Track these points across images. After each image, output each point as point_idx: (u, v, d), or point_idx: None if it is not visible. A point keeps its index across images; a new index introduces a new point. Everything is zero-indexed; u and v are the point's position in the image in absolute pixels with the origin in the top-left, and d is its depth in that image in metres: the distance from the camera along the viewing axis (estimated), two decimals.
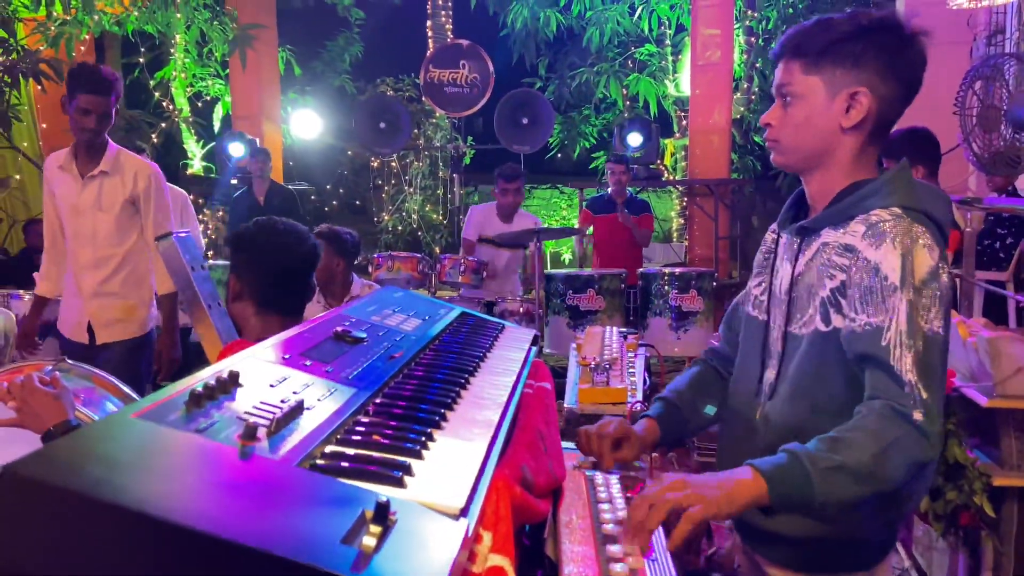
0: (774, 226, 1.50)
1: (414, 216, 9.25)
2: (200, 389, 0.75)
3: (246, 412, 0.75)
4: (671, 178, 8.07)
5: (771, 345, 1.39)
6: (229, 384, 0.80)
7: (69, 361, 2.18)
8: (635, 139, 6.89)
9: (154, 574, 0.55)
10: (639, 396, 1.91)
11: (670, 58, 8.17)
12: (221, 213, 7.55)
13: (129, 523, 0.54)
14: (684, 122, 7.89)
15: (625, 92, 8.41)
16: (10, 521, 0.55)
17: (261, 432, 0.71)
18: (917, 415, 1.13)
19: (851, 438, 1.13)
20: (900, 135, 3.11)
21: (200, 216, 6.78)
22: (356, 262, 3.52)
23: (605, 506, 1.07)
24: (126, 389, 2.31)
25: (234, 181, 6.85)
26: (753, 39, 7.87)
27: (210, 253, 7.19)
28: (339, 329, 1.11)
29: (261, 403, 0.78)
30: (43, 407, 1.53)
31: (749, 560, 1.44)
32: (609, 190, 5.69)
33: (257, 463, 0.67)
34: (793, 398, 1.30)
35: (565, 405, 1.87)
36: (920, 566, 2.53)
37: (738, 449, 1.37)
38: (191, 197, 6.05)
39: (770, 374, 1.38)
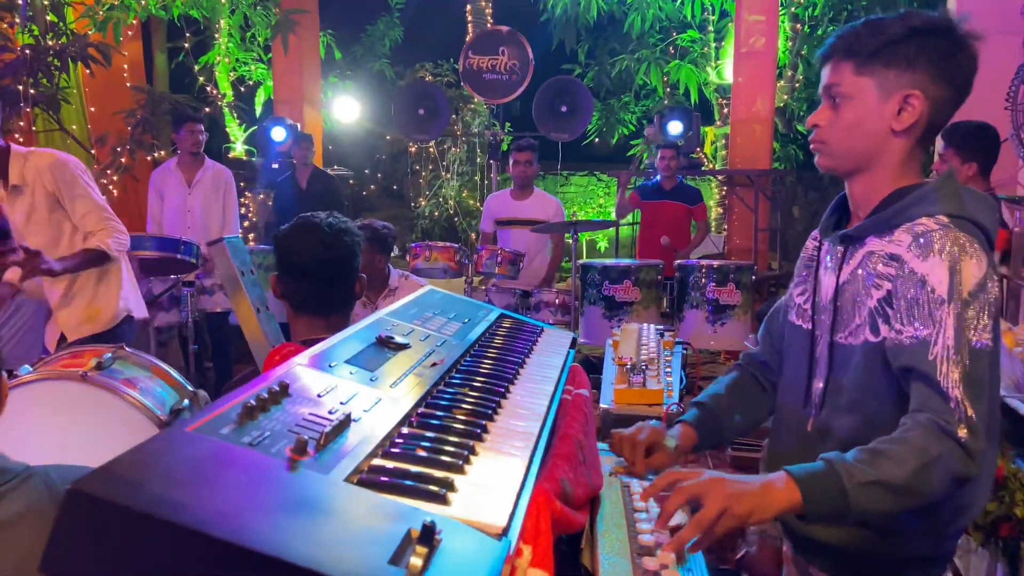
0: (816, 232, 1.48)
1: (451, 202, 9.28)
2: (252, 402, 0.78)
3: (297, 425, 0.77)
4: (711, 167, 7.97)
5: (818, 355, 1.38)
6: (279, 395, 0.82)
7: (127, 349, 2.25)
8: (675, 127, 6.82)
9: None
10: (675, 397, 1.90)
11: (713, 45, 8.04)
12: (262, 196, 7.66)
13: (186, 541, 0.57)
14: (725, 110, 7.77)
15: (666, 79, 8.31)
16: (77, 538, 0.58)
17: (311, 446, 0.73)
18: (962, 432, 1.12)
19: (892, 451, 1.12)
20: (968, 128, 3.05)
21: (241, 200, 6.89)
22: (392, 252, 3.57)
23: (641, 515, 1.08)
24: (178, 377, 2.38)
25: (275, 165, 6.95)
26: (799, 26, 7.70)
27: (251, 236, 7.31)
28: (382, 335, 1.13)
29: (310, 414, 0.81)
30: None
31: (800, 571, 1.43)
32: (658, 176, 5.67)
33: (307, 478, 0.69)
34: (849, 410, 1.29)
35: (601, 405, 1.88)
36: (958, 569, 2.50)
37: (791, 462, 1.37)
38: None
39: (818, 384, 1.37)
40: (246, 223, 7.28)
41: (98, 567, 0.58)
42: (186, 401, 2.30)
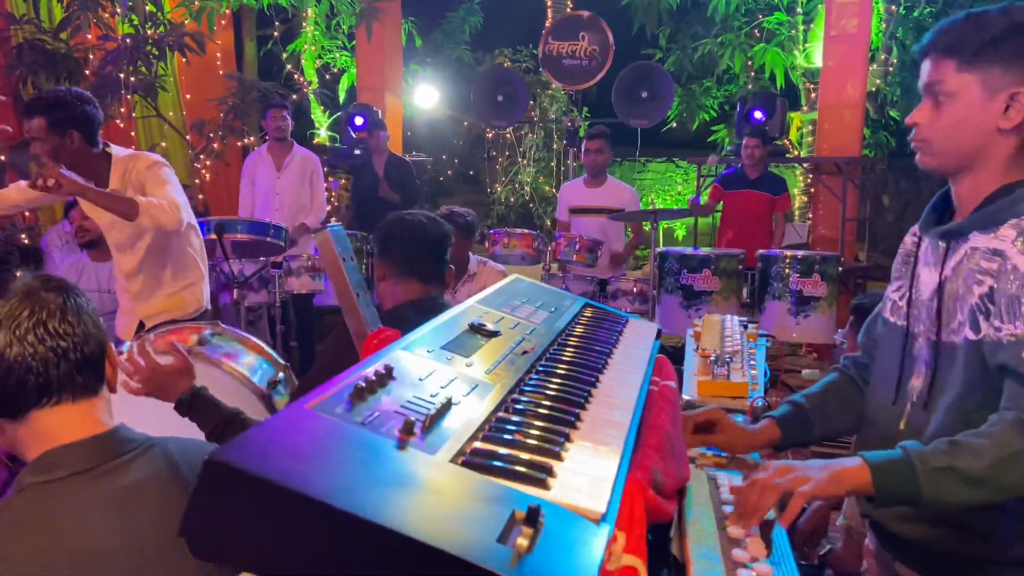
0: (915, 228, 1.44)
1: (527, 188, 9.31)
2: (362, 384, 0.82)
3: (402, 406, 0.81)
4: (796, 154, 7.74)
5: (915, 352, 1.36)
6: (385, 377, 0.87)
7: (222, 325, 2.38)
8: (759, 114, 6.65)
9: (329, 555, 0.62)
10: (760, 391, 1.88)
11: (801, 27, 7.77)
12: (343, 181, 7.87)
13: (311, 510, 0.61)
14: (813, 95, 7.52)
15: (750, 64, 8.09)
16: (213, 503, 0.63)
17: (417, 427, 0.77)
18: None
19: (972, 443, 1.12)
20: None
21: (325, 184, 7.10)
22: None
23: (728, 508, 1.09)
24: (271, 351, 2.50)
25: (357, 152, 7.12)
26: (894, 7, 7.37)
27: (333, 219, 7.52)
28: (474, 322, 1.16)
29: (415, 397, 0.85)
30: (167, 380, 1.68)
31: (882, 565, 1.42)
32: (741, 164, 5.56)
33: (415, 457, 0.73)
34: (948, 409, 1.27)
35: (683, 396, 1.87)
36: None
37: None
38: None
39: (916, 382, 1.35)
40: (329, 207, 7.49)
41: (231, 530, 0.63)
42: (281, 374, 2.43)
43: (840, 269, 4.90)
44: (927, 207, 1.42)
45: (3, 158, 5.65)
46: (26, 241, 5.46)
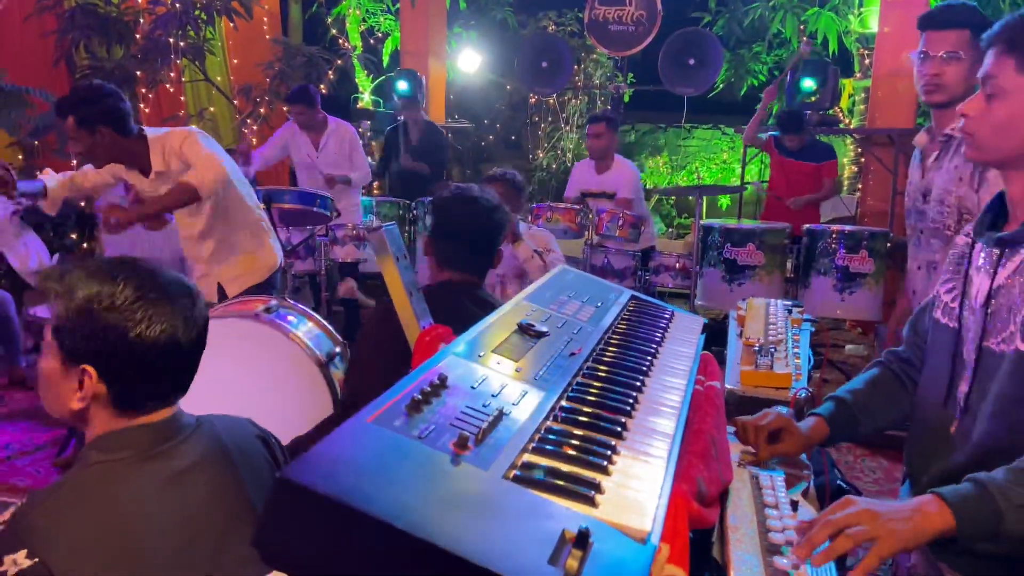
0: (968, 229, 1.42)
1: (568, 155, 9.23)
2: (418, 395, 0.86)
3: (456, 419, 0.85)
4: (847, 123, 7.53)
5: (965, 356, 1.35)
6: (439, 387, 0.90)
7: (289, 300, 2.48)
8: (809, 83, 6.46)
9: (392, 572, 0.66)
10: (803, 381, 1.88)
11: None
12: (373, 145, 7.92)
13: (374, 530, 0.65)
14: (867, 61, 7.28)
15: (802, 28, 7.85)
16: (284, 519, 0.67)
17: (471, 441, 0.80)
18: None
19: None
20: None
21: (368, 149, 7.14)
22: None
23: (772, 512, 1.11)
24: (329, 326, 2.61)
25: (401, 117, 7.14)
26: None
27: (375, 185, 7.58)
28: (523, 323, 1.19)
29: (467, 407, 0.88)
30: None
31: (930, 566, 1.43)
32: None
33: (469, 473, 0.76)
34: (993, 417, 1.26)
35: (726, 385, 1.89)
36: None
37: (932, 462, 1.36)
38: (360, 130, 6.41)
39: (963, 386, 1.34)
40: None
41: (300, 543, 0.68)
42: (338, 348, 2.53)
43: (888, 245, 4.79)
44: (982, 210, 1.39)
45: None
46: (82, 205, 5.63)
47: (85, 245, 5.87)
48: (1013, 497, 1.08)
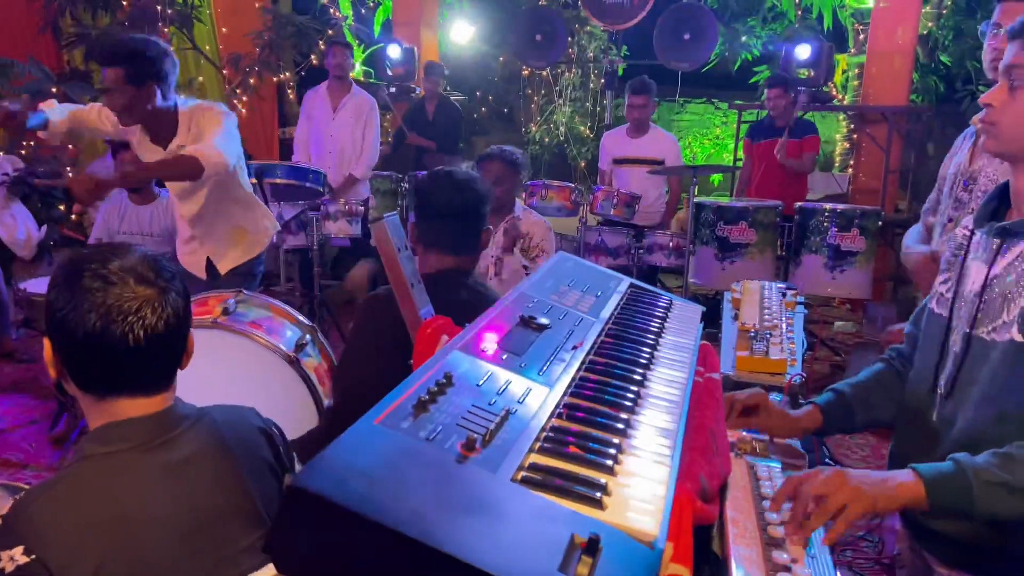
0: (967, 221, 1.42)
1: (562, 129, 9.17)
2: (424, 395, 0.86)
3: (463, 418, 0.85)
4: (841, 99, 7.50)
5: (951, 344, 1.36)
6: (445, 385, 0.90)
7: (246, 292, 2.42)
8: (803, 56, 6.42)
9: None
10: (799, 367, 1.90)
11: None
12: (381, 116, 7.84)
13: (384, 538, 0.65)
14: (862, 37, 7.24)
15: (798, 2, 7.78)
16: (295, 527, 0.68)
17: (478, 442, 0.81)
18: None
19: None
20: None
21: None
22: None
23: (769, 504, 1.12)
24: (295, 314, 2.55)
25: (392, 89, 7.07)
26: None
27: None
28: (524, 315, 1.19)
29: (473, 406, 0.88)
30: None
31: (916, 555, 1.46)
32: (770, 114, 5.40)
33: (477, 476, 0.76)
34: (981, 405, 1.28)
35: (721, 371, 1.90)
36: None
37: (916, 445, 1.38)
38: None
39: (946, 373, 1.36)
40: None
41: (312, 549, 0.68)
42: (307, 336, 2.47)
43: (880, 224, 4.81)
44: (983, 200, 1.40)
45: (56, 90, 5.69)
46: (70, 174, 5.56)
47: (74, 217, 5.81)
48: (984, 475, 1.12)
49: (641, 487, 0.82)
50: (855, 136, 6.94)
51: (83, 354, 1.12)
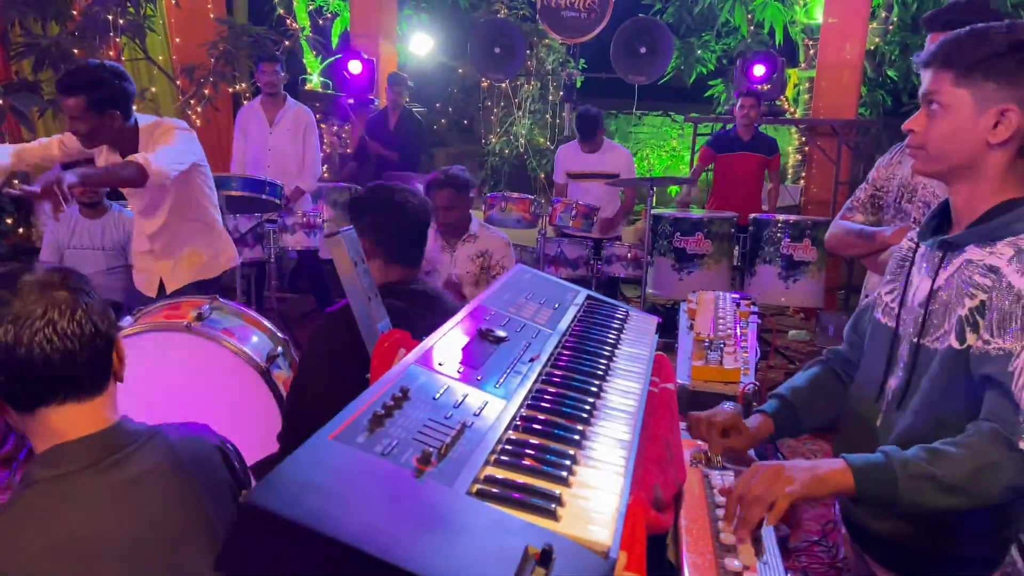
0: (912, 234, 1.48)
1: (521, 140, 9.23)
2: (380, 410, 0.86)
3: (419, 432, 0.85)
4: (792, 112, 7.69)
5: (899, 354, 1.41)
6: (401, 399, 0.90)
7: (221, 300, 2.39)
8: (761, 68, 6.58)
9: None
10: (752, 376, 1.94)
11: None
12: (336, 128, 7.78)
13: (341, 554, 0.65)
14: (812, 51, 7.43)
15: (750, 18, 7.97)
16: (249, 544, 0.67)
17: (434, 456, 0.81)
18: (1022, 444, 1.15)
19: (950, 452, 1.18)
20: None
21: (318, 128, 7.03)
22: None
23: (721, 512, 1.15)
24: (269, 324, 2.53)
25: (351, 100, 7.04)
26: None
27: (325, 167, 7.47)
28: (482, 328, 1.20)
29: (430, 420, 0.89)
30: None
31: (857, 556, 1.50)
32: (734, 126, 5.53)
33: (434, 491, 0.77)
34: (920, 411, 1.33)
35: (677, 380, 1.93)
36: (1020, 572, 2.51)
37: (858, 452, 1.42)
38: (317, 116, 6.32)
39: (893, 382, 1.40)
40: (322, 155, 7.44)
41: (267, 570, 0.68)
42: (279, 348, 2.46)
43: None
44: (926, 215, 1.45)
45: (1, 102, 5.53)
46: (16, 186, 5.41)
47: (21, 230, 5.65)
48: (911, 467, 1.17)
49: (595, 498, 0.84)
50: (807, 148, 7.11)
51: (2, 368, 1.09)
